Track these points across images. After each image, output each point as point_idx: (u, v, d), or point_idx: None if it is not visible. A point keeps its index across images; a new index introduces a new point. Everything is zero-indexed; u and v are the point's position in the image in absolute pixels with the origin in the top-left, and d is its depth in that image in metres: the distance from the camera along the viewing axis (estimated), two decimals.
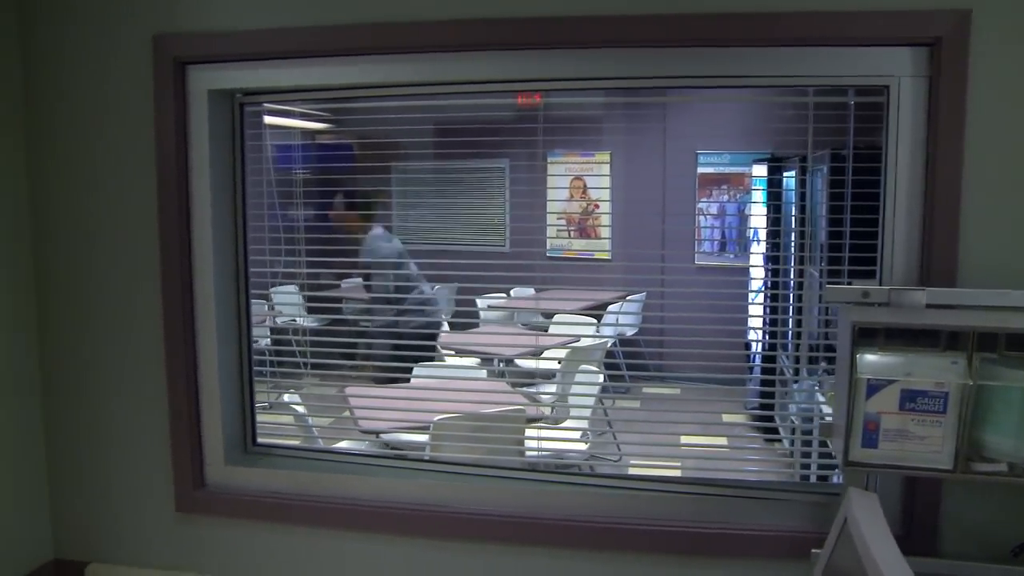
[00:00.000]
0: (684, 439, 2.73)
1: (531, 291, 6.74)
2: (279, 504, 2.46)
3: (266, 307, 5.69)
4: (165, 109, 2.36)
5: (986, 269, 2.02)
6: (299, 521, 2.46)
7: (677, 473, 2.86)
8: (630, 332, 6.58)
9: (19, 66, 2.47)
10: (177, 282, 2.43)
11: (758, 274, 5.76)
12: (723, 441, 3.45)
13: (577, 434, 4.49)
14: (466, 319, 6.13)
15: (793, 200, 5.18)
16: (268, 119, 3.20)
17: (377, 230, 4.77)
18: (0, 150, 2.45)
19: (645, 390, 6.51)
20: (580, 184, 7.01)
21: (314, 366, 4.04)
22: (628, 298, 6.47)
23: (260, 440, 2.64)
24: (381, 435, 3.82)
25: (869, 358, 1.84)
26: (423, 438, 3.62)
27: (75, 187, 2.49)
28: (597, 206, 6.94)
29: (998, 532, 2.04)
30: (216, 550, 2.53)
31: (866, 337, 1.86)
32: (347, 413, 3.84)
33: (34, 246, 2.54)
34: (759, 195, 5.90)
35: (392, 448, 3.88)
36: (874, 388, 1.82)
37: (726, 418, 4.61)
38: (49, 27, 2.44)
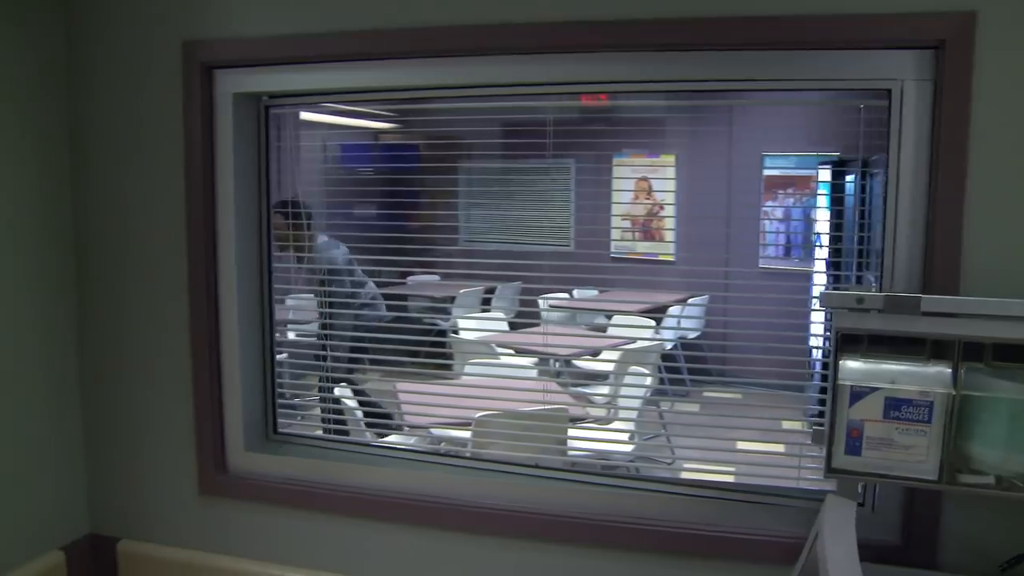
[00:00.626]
0: (740, 444, 2.72)
1: (594, 292, 6.75)
2: (296, 490, 2.56)
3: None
4: (193, 112, 2.48)
5: (991, 277, 1.98)
6: (315, 507, 2.55)
7: (731, 479, 2.85)
8: (692, 335, 6.54)
9: (65, 76, 2.62)
10: (203, 280, 2.55)
11: (820, 279, 5.65)
12: (780, 448, 3.42)
13: (615, 435, 4.49)
14: (524, 319, 6.19)
15: (853, 204, 5.08)
16: (306, 115, 3.30)
17: (322, 239, 4.70)
18: (49, 157, 2.61)
19: (705, 394, 6.46)
20: (645, 185, 6.99)
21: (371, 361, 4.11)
22: (690, 301, 6.43)
23: (283, 430, 2.75)
24: (431, 430, 3.90)
25: (851, 364, 1.82)
26: (466, 434, 3.69)
27: (111, 189, 2.63)
28: (662, 207, 6.90)
29: (998, 545, 1.99)
30: (237, 531, 2.65)
31: (851, 343, 1.84)
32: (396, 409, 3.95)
33: (75, 244, 2.69)
34: (823, 199, 5.79)
35: (439, 443, 3.96)
36: (857, 395, 1.81)
37: (786, 425, 4.55)
38: (89, 36, 2.59)
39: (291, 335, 5.47)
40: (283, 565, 2.59)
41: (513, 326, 5.98)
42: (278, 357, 2.76)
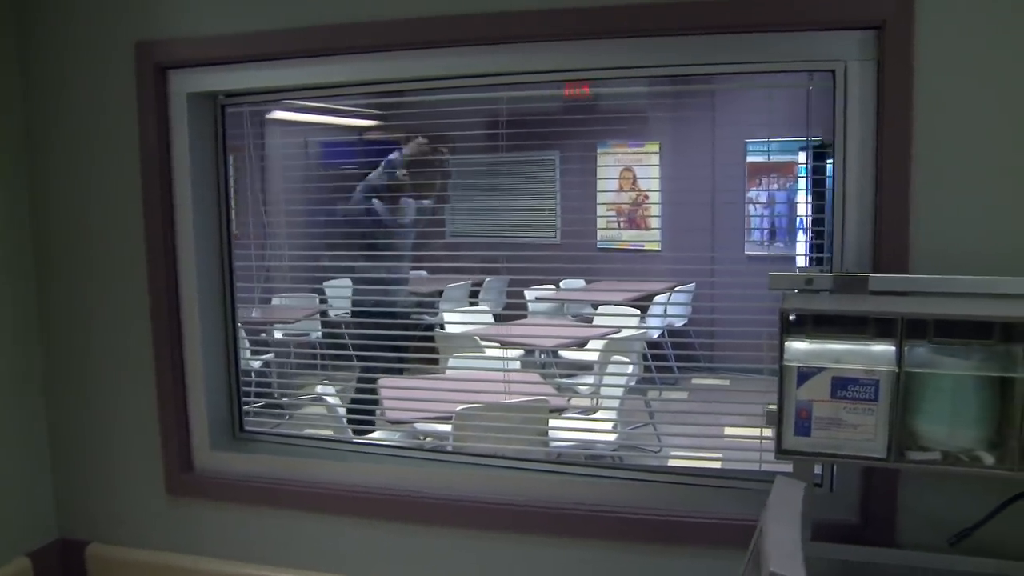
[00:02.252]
0: (728, 431, 2.72)
1: (581, 283, 6.74)
2: (263, 488, 2.57)
3: (317, 300, 5.85)
4: (148, 113, 2.49)
5: (939, 254, 1.98)
6: (282, 504, 2.56)
7: (718, 465, 2.85)
8: (679, 323, 6.54)
9: (19, 79, 2.62)
10: (162, 279, 2.55)
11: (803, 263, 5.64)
12: (769, 432, 3.42)
13: (597, 425, 4.49)
14: (511, 312, 6.18)
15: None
16: (279, 114, 3.29)
17: None
18: (5, 157, 2.61)
19: (694, 381, 6.45)
20: (630, 175, 6.98)
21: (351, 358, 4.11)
22: (677, 289, 6.42)
23: (250, 428, 2.76)
24: (414, 425, 3.90)
25: (797, 345, 1.82)
26: (447, 428, 3.69)
27: (69, 189, 2.64)
28: (647, 197, 6.89)
29: (956, 521, 1.99)
30: (205, 531, 2.65)
31: (798, 323, 1.84)
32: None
33: (35, 246, 2.69)
34: (804, 183, 5.78)
35: (424, 438, 3.96)
36: (804, 375, 1.81)
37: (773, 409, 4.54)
38: (41, 37, 2.59)
39: (278, 335, 5.47)
40: (252, 563, 2.60)
41: (499, 320, 5.97)
42: (265, 357, 2.76)
